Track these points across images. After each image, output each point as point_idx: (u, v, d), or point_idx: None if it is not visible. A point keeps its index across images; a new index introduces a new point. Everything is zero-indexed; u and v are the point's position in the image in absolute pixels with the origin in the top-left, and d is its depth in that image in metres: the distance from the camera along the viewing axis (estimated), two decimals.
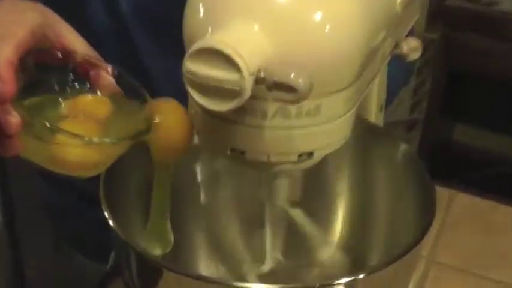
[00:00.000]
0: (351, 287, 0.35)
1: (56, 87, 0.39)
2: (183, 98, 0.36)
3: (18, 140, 0.36)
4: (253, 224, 0.47)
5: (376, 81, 0.46)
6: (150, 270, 0.37)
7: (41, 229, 0.73)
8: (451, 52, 1.34)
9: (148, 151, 0.39)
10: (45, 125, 0.35)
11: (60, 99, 0.38)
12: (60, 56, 0.38)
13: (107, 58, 0.40)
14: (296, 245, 0.52)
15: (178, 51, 0.33)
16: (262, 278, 0.45)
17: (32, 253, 0.82)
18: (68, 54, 0.39)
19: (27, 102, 0.37)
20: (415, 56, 0.45)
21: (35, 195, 0.70)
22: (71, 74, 0.39)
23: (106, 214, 0.38)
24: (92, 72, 0.39)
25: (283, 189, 0.42)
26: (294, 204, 0.46)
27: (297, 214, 0.47)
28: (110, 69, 0.39)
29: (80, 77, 0.39)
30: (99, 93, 0.39)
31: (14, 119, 0.35)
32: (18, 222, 0.84)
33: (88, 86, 0.39)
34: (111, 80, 0.39)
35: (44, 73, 0.39)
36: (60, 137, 0.35)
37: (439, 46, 1.35)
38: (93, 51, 0.40)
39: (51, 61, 0.39)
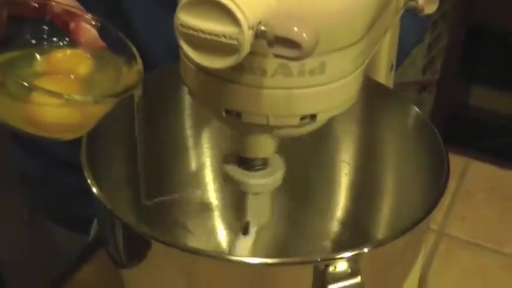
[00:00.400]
0: (355, 262, 0.35)
1: (32, 42, 0.39)
2: (172, 53, 0.36)
3: None
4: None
5: (387, 37, 0.46)
6: (138, 241, 0.38)
7: (13, 199, 0.74)
8: (470, 4, 1.33)
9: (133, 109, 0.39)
10: (19, 82, 0.35)
11: (36, 55, 0.38)
12: (35, 6, 0.38)
13: (88, 9, 0.40)
14: (298, 218, 0.53)
15: (168, 1, 0.33)
16: (260, 251, 0.46)
17: (3, 225, 0.83)
18: (44, 4, 0.38)
19: (0, 58, 0.37)
20: (431, 8, 0.45)
21: (7, 162, 0.70)
22: (48, 27, 0.39)
23: (89, 181, 0.38)
24: (72, 24, 0.39)
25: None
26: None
27: None
28: (92, 21, 0.39)
29: (58, 29, 0.39)
30: (80, 48, 0.39)
31: None
32: None
33: (67, 39, 0.39)
34: (93, 32, 0.39)
35: (18, 26, 0.38)
36: (37, 96, 0.35)
37: None
38: (73, 0, 0.39)
39: (26, 13, 0.38)
